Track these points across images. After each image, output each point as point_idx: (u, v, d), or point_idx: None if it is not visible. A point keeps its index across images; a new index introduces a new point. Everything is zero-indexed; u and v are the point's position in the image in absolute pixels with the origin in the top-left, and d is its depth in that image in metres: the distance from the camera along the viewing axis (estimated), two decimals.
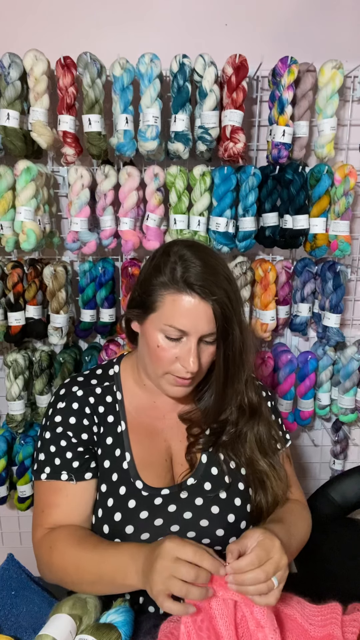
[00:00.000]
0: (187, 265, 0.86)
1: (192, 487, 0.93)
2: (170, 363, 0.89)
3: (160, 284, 0.87)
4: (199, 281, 0.85)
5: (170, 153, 1.39)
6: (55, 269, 1.45)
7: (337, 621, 0.78)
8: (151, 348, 0.90)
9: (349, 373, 1.55)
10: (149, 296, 0.88)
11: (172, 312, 0.86)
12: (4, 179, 1.36)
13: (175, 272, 0.86)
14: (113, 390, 1.00)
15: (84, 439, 0.95)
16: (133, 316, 0.94)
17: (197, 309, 0.85)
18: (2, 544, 1.91)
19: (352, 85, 1.50)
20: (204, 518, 0.91)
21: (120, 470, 0.93)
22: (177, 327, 0.86)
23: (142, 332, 0.93)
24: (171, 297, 0.86)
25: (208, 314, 0.86)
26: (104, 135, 1.36)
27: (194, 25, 1.48)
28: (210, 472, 0.95)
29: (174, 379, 0.91)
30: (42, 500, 0.94)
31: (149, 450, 0.96)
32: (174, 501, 0.91)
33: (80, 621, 0.78)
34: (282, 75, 1.34)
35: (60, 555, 0.87)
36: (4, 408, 1.65)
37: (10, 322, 1.47)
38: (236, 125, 1.35)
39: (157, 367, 0.91)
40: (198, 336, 0.87)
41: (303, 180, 1.42)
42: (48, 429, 0.96)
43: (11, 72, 1.31)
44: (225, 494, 0.94)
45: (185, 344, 0.88)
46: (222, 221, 1.41)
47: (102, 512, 0.93)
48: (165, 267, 0.87)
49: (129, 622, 0.81)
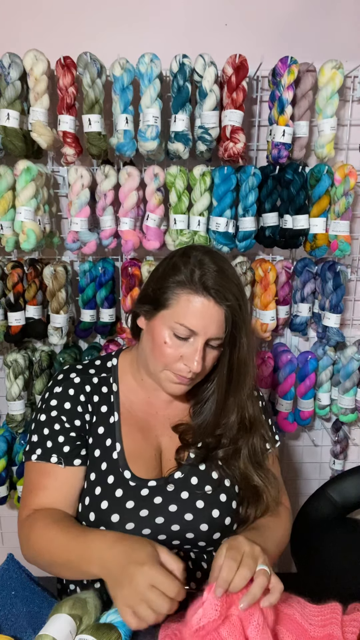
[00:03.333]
0: (205, 270, 0.88)
1: (178, 480, 0.95)
2: (173, 361, 0.91)
3: (176, 283, 0.89)
4: (215, 285, 0.87)
5: (170, 153, 1.39)
6: (55, 269, 1.45)
7: (337, 621, 0.78)
8: (156, 344, 0.91)
9: (349, 373, 1.55)
10: (163, 293, 0.90)
11: (185, 311, 0.88)
12: (4, 179, 1.36)
13: (194, 274, 0.88)
14: (109, 381, 1.02)
15: (77, 425, 0.96)
16: (142, 311, 0.96)
17: (210, 311, 0.88)
18: (2, 544, 1.91)
19: (352, 85, 1.50)
20: (189, 512, 0.92)
21: (110, 460, 0.95)
22: (188, 327, 0.88)
23: (148, 328, 0.95)
24: (186, 297, 0.88)
25: (219, 318, 0.88)
26: (104, 135, 1.36)
27: (194, 25, 1.48)
28: (197, 467, 0.97)
29: (174, 376, 0.93)
30: (31, 481, 0.96)
31: (139, 443, 0.98)
32: (160, 493, 0.93)
33: (80, 621, 0.78)
34: (282, 75, 1.34)
35: (37, 536, 0.89)
36: (4, 408, 1.66)
37: (10, 322, 1.47)
38: (236, 125, 1.35)
39: (159, 363, 0.93)
40: (206, 338, 0.89)
41: (303, 180, 1.42)
42: (43, 412, 0.98)
43: (11, 72, 1.31)
44: (211, 489, 0.95)
45: (192, 344, 0.90)
46: (222, 221, 1.41)
47: (89, 500, 0.94)
48: (184, 268, 0.89)
49: None
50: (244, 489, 0.98)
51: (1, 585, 0.93)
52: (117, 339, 1.64)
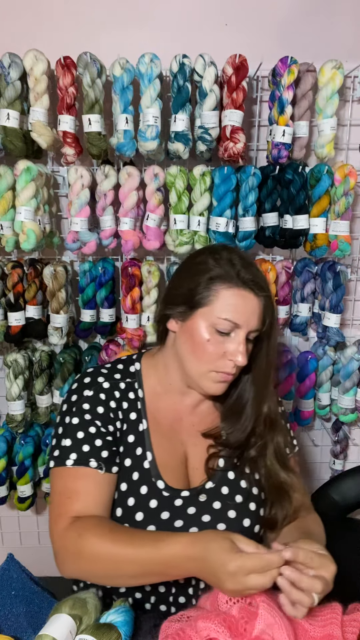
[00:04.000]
0: (241, 264, 0.91)
1: (210, 490, 0.94)
2: (217, 358, 0.90)
3: (212, 279, 0.89)
4: (252, 278, 0.90)
5: (170, 153, 1.39)
6: (55, 269, 1.45)
7: (337, 621, 0.78)
8: (198, 343, 0.90)
9: (349, 373, 1.55)
10: (200, 292, 0.90)
11: (226, 305, 0.88)
12: (4, 179, 1.36)
13: (230, 268, 0.90)
14: (135, 387, 0.99)
15: (111, 431, 0.93)
16: (175, 313, 0.94)
17: (252, 303, 0.89)
18: (2, 544, 1.91)
19: (352, 85, 1.50)
20: (221, 522, 0.91)
21: (142, 470, 0.92)
22: (231, 320, 0.88)
23: (184, 329, 0.93)
24: (226, 291, 0.89)
25: (259, 310, 0.90)
26: (104, 135, 1.36)
27: (194, 25, 1.48)
28: (227, 476, 0.96)
29: (218, 376, 0.92)
30: (66, 487, 0.89)
31: (168, 451, 0.96)
32: (193, 504, 0.92)
33: (80, 621, 0.78)
34: (282, 75, 1.34)
35: (91, 546, 0.81)
36: (4, 408, 1.65)
37: (10, 322, 1.47)
38: (236, 125, 1.35)
39: (202, 363, 0.91)
40: (248, 330, 0.90)
41: (303, 180, 1.42)
42: (75, 415, 0.93)
43: (11, 72, 1.31)
44: (241, 498, 0.95)
45: (234, 338, 0.90)
46: (222, 221, 1.41)
47: (122, 512, 0.92)
48: (217, 264, 0.90)
49: (129, 622, 0.81)
50: (270, 488, 0.97)
51: (1, 585, 0.93)
52: (117, 339, 1.64)
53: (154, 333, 1.52)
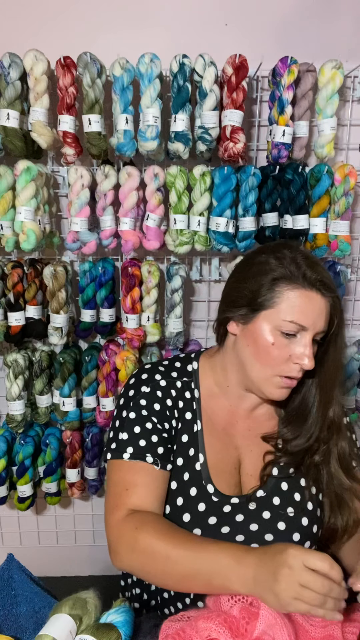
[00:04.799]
0: (306, 264, 0.86)
1: (260, 499, 0.91)
2: (282, 362, 0.87)
3: (276, 280, 0.86)
4: (319, 277, 0.85)
5: (170, 153, 1.39)
6: (55, 269, 1.45)
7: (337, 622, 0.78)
8: (262, 347, 0.87)
9: (349, 373, 1.55)
10: (263, 293, 0.86)
11: (292, 306, 0.85)
12: (4, 179, 1.36)
13: (295, 268, 0.85)
14: (191, 387, 0.97)
15: (166, 428, 0.93)
16: (237, 315, 0.90)
17: (318, 304, 0.85)
18: (2, 544, 1.91)
19: (352, 85, 1.50)
20: (270, 532, 0.89)
21: (193, 471, 0.91)
22: (298, 322, 0.84)
23: (246, 332, 0.90)
24: (291, 292, 0.85)
25: (326, 311, 0.87)
26: (104, 135, 1.36)
27: (194, 25, 1.48)
28: (280, 486, 0.92)
29: (282, 381, 0.88)
30: (124, 479, 0.89)
31: (220, 455, 0.94)
32: (241, 511, 0.90)
33: (80, 621, 0.78)
34: (282, 75, 1.34)
35: (149, 539, 0.81)
36: (4, 408, 1.66)
37: (10, 322, 1.47)
38: (236, 125, 1.35)
39: (266, 368, 0.88)
40: (314, 333, 0.86)
41: (303, 180, 1.42)
42: (132, 410, 0.93)
43: (11, 72, 1.31)
44: (293, 511, 0.91)
45: (299, 341, 0.86)
46: (222, 221, 1.41)
47: (170, 509, 0.91)
48: (281, 264, 0.86)
49: (129, 622, 0.81)
50: (330, 495, 0.92)
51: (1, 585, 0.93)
52: (117, 339, 1.64)
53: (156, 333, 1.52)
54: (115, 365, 1.55)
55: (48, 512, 1.91)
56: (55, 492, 1.69)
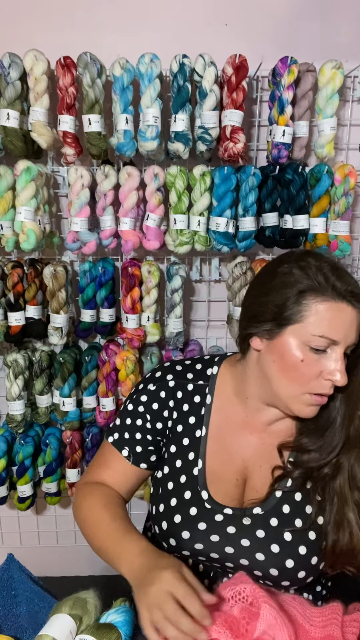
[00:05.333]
0: (331, 273, 0.81)
1: (257, 516, 0.87)
2: (312, 378, 0.82)
3: (301, 294, 0.80)
4: (348, 288, 0.80)
5: (170, 153, 1.39)
6: (55, 269, 1.45)
7: (337, 622, 0.77)
8: (290, 364, 0.82)
9: None
10: (290, 307, 0.81)
11: (322, 320, 0.79)
12: (4, 179, 1.36)
13: (322, 279, 0.80)
14: (205, 391, 0.95)
15: (158, 428, 0.96)
16: (261, 331, 0.85)
17: (349, 316, 0.80)
18: (2, 544, 1.91)
19: (352, 85, 1.50)
20: (260, 552, 0.86)
21: (190, 475, 0.91)
22: (329, 337, 0.79)
23: (271, 347, 0.84)
24: (320, 305, 0.79)
25: (357, 323, 0.81)
26: (104, 135, 1.36)
27: (194, 25, 1.48)
28: (281, 509, 0.87)
29: (312, 398, 0.83)
30: (103, 456, 0.99)
31: (223, 464, 0.92)
32: (234, 523, 0.87)
33: (80, 621, 0.78)
34: (282, 75, 1.34)
35: (86, 509, 0.92)
36: (4, 408, 1.66)
37: (10, 322, 1.47)
38: (236, 125, 1.35)
39: (295, 386, 0.83)
40: (345, 347, 0.81)
41: (303, 180, 1.42)
42: (132, 402, 0.98)
43: (11, 72, 1.31)
44: (290, 537, 0.86)
45: (330, 356, 0.81)
46: (222, 221, 1.41)
47: (164, 508, 0.92)
48: (307, 275, 0.81)
49: (129, 622, 0.81)
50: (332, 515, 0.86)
51: (1, 585, 0.93)
52: (117, 339, 1.64)
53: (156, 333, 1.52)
54: (115, 365, 1.55)
55: (48, 512, 1.91)
56: (55, 492, 1.69)
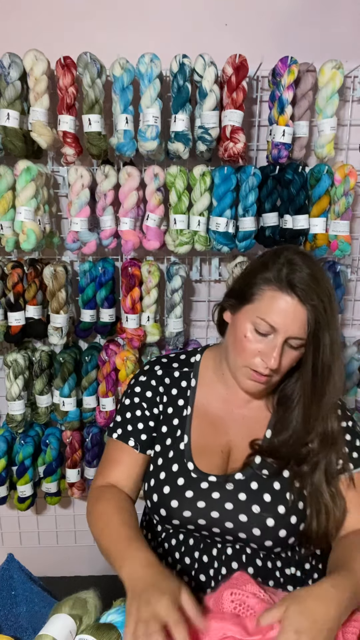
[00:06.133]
0: (294, 269, 0.89)
1: (238, 482, 0.95)
2: (251, 356, 0.92)
3: (263, 279, 0.91)
4: (301, 284, 0.87)
5: (170, 153, 1.39)
6: (55, 269, 1.45)
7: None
8: (237, 338, 0.93)
9: (349, 373, 1.55)
10: (250, 288, 0.92)
11: (268, 307, 0.89)
12: (4, 179, 1.36)
13: (282, 271, 0.89)
14: (189, 376, 1.06)
15: (155, 414, 1.04)
16: (228, 305, 0.99)
17: (294, 310, 0.88)
18: (2, 544, 1.91)
19: (352, 85, 1.50)
20: (244, 513, 0.92)
21: (177, 450, 0.99)
22: (269, 322, 0.88)
23: (233, 321, 0.97)
24: (271, 293, 0.89)
25: (302, 318, 0.88)
26: (104, 135, 1.36)
27: (194, 25, 1.48)
28: (260, 474, 0.95)
29: (250, 373, 0.94)
30: (110, 454, 1.04)
31: (208, 438, 1.00)
32: (218, 489, 0.94)
33: (80, 621, 0.78)
34: (282, 75, 1.34)
35: (98, 512, 0.95)
36: (4, 408, 1.66)
37: (10, 322, 1.48)
38: (236, 125, 1.35)
39: (238, 358, 0.94)
40: (286, 336, 0.89)
41: (303, 180, 1.42)
42: (128, 396, 1.06)
43: (11, 72, 1.31)
44: (270, 497, 0.92)
45: (271, 341, 0.90)
46: (222, 221, 1.41)
47: (154, 482, 0.99)
48: (273, 266, 0.91)
49: None
50: (311, 505, 0.93)
51: (1, 585, 0.93)
52: (117, 339, 1.64)
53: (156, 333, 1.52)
54: (115, 365, 1.55)
55: (48, 512, 1.91)
56: (55, 492, 1.69)
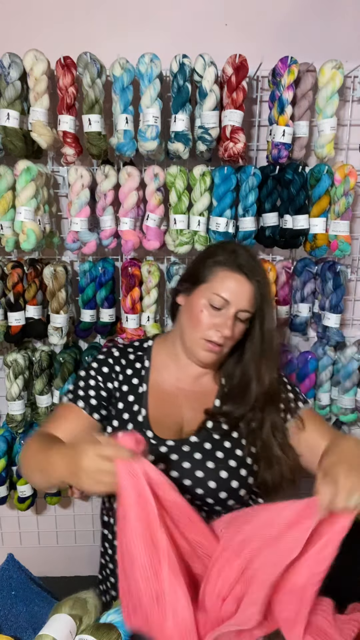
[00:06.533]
0: (239, 254, 1.07)
1: (194, 444, 1.05)
2: (207, 328, 1.05)
3: (215, 262, 1.07)
4: (247, 265, 1.05)
5: (170, 153, 1.39)
6: (55, 269, 1.45)
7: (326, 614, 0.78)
8: (194, 314, 1.06)
9: (349, 373, 1.55)
10: (203, 271, 1.07)
11: (221, 284, 1.04)
12: (4, 179, 1.36)
13: (230, 256, 1.07)
14: (143, 359, 1.17)
15: (109, 388, 1.12)
16: (182, 289, 1.12)
17: (242, 285, 1.04)
18: (2, 544, 1.91)
19: (352, 85, 1.50)
20: (200, 470, 1.02)
21: (136, 422, 1.08)
22: (223, 297, 1.03)
23: (187, 302, 1.10)
24: (223, 273, 1.05)
25: (249, 293, 1.04)
26: (104, 135, 1.36)
27: (194, 25, 1.48)
28: (212, 436, 1.06)
29: (206, 344, 1.06)
30: (60, 413, 1.12)
31: (164, 411, 1.10)
32: (176, 452, 1.03)
33: (80, 621, 0.78)
34: (282, 75, 1.34)
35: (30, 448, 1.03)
36: (4, 408, 1.65)
37: (10, 322, 1.47)
38: (236, 125, 1.35)
39: (195, 331, 1.06)
40: (237, 309, 1.04)
41: (303, 180, 1.42)
42: (84, 370, 1.15)
43: (11, 72, 1.31)
44: (222, 454, 1.04)
45: (224, 314, 1.04)
46: (222, 221, 1.41)
47: None
48: (222, 252, 1.08)
49: None
50: (263, 457, 1.06)
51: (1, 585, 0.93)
52: (117, 338, 1.64)
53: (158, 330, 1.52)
54: None
55: (48, 512, 1.91)
56: (55, 492, 1.69)
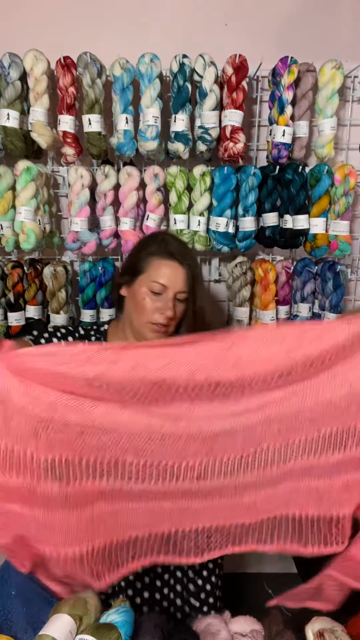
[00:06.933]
0: (169, 242, 1.20)
1: None
2: (151, 312, 1.16)
3: (148, 254, 1.19)
4: (177, 251, 1.18)
5: (170, 153, 1.39)
6: (55, 269, 1.45)
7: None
8: (138, 302, 1.17)
9: None
10: (139, 263, 1.19)
11: (157, 271, 1.16)
12: (4, 179, 1.36)
13: (161, 246, 1.19)
14: (101, 340, 1.28)
15: None
16: (124, 282, 1.22)
17: (176, 270, 1.17)
18: None
19: (352, 85, 1.50)
20: None
21: None
22: (161, 282, 1.15)
23: (130, 293, 1.20)
24: (157, 262, 1.17)
25: (183, 276, 1.17)
26: (104, 135, 1.36)
27: (194, 25, 1.48)
28: None
29: (153, 327, 1.17)
30: None
31: None
32: None
33: (80, 621, 0.78)
34: (282, 75, 1.34)
35: None
36: None
37: (10, 322, 1.47)
38: (236, 125, 1.35)
39: (141, 317, 1.17)
40: (175, 291, 1.16)
41: (303, 180, 1.42)
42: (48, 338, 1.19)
43: (11, 72, 1.31)
44: None
45: (164, 298, 1.16)
46: (222, 221, 1.41)
47: None
48: (153, 243, 1.20)
49: (129, 622, 0.81)
50: None
51: (1, 585, 0.93)
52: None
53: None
54: None
55: None
56: None
